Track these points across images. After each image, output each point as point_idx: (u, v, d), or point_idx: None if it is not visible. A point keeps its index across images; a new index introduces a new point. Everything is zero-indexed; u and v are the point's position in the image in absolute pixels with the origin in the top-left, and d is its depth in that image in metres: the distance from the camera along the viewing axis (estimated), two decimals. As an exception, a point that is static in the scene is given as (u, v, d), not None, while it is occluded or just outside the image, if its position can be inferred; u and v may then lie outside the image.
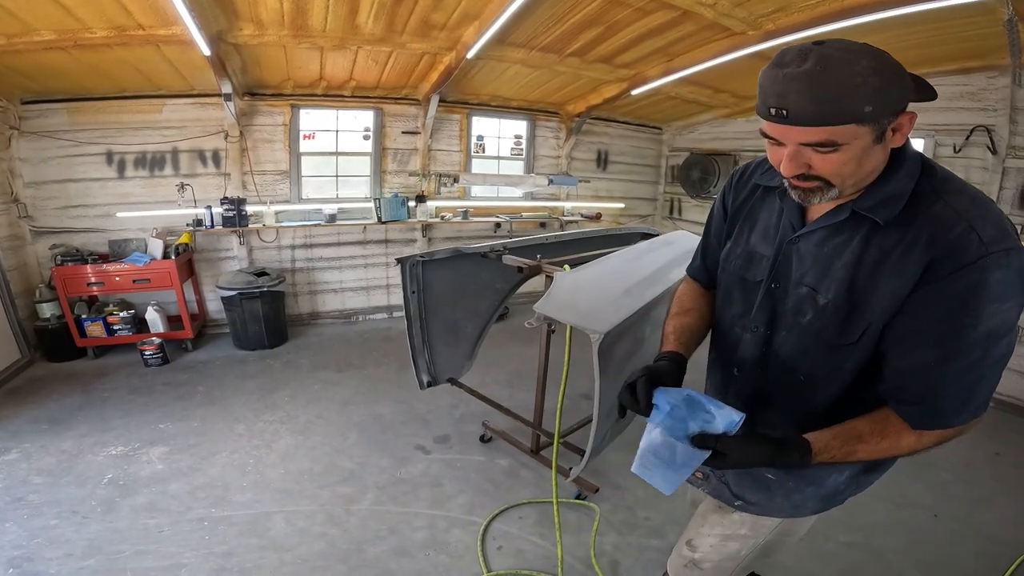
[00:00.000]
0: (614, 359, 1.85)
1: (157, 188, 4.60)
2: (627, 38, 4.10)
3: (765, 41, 3.75)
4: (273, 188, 4.99)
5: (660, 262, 2.60)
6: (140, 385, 3.95)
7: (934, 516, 2.75)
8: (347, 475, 2.95)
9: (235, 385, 4.02)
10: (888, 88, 0.86)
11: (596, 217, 6.32)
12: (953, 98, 4.22)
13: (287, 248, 5.19)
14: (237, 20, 3.49)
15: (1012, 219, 3.63)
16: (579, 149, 6.41)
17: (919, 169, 0.97)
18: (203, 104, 4.53)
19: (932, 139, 4.38)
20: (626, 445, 3.26)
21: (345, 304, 5.59)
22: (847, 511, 2.69)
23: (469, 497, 2.80)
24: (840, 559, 2.42)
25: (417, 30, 3.86)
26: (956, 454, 3.34)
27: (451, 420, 3.57)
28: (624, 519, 2.64)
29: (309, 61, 4.25)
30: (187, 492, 2.74)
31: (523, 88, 5.31)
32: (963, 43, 3.66)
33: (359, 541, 2.45)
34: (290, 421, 3.52)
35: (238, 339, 4.70)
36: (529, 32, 3.99)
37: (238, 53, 3.95)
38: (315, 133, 5.08)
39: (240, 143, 4.70)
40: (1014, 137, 3.94)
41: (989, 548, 2.50)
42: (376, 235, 5.50)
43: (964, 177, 2.76)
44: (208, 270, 4.95)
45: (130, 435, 3.25)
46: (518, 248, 2.99)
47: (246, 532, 2.47)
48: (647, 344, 2.12)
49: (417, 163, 5.50)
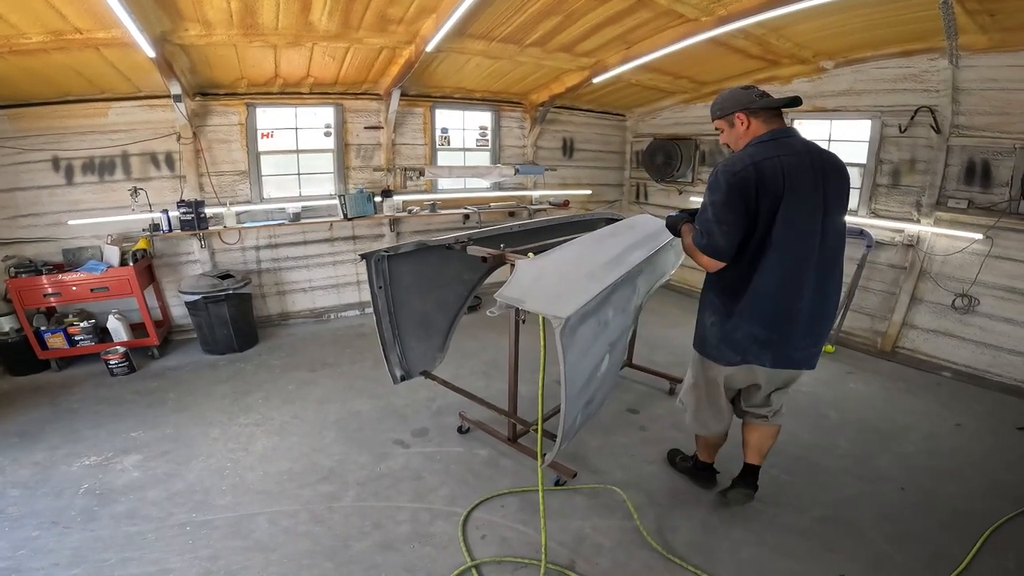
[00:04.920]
0: (578, 342, 1.90)
1: (109, 194, 4.45)
2: (586, 26, 4.15)
3: (719, 26, 3.84)
4: (232, 189, 4.89)
5: (622, 246, 2.67)
6: (108, 395, 3.87)
7: (901, 489, 2.85)
8: (327, 473, 2.96)
9: (207, 390, 3.96)
10: (724, 104, 2.12)
11: (564, 204, 6.38)
12: (897, 80, 4.40)
13: (251, 249, 5.10)
14: (182, 21, 3.41)
15: (958, 194, 3.83)
16: (545, 138, 6.45)
17: (757, 143, 2.03)
18: (151, 106, 4.39)
19: (879, 120, 4.58)
20: (604, 430, 3.40)
21: (316, 303, 5.54)
22: (819, 486, 2.87)
23: (451, 489, 2.84)
24: (815, 534, 2.52)
25: (374, 25, 3.82)
26: (917, 426, 3.52)
27: (429, 413, 3.61)
28: (604, 502, 2.72)
29: (263, 59, 4.16)
30: (166, 498, 2.73)
31: (486, 79, 5.31)
32: (903, 26, 3.82)
33: (344, 537, 2.47)
34: (266, 423, 3.50)
35: (206, 343, 4.62)
36: (488, 23, 3.99)
37: (186, 54, 3.85)
38: (273, 132, 4.98)
39: (194, 144, 4.58)
40: (957, 116, 4.14)
41: (956, 521, 2.59)
42: (343, 232, 5.45)
43: (911, 156, 3.81)
44: (170, 275, 4.83)
45: (102, 445, 3.21)
46: (483, 238, 3.02)
47: (230, 535, 2.48)
48: (611, 327, 2.18)
49: (381, 158, 5.45)
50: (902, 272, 4.59)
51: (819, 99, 4.94)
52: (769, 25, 4.01)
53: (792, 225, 1.95)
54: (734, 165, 1.95)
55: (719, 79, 5.52)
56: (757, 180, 1.91)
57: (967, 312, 4.25)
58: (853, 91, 4.71)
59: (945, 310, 4.37)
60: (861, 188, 4.80)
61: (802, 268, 2.01)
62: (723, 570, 2.30)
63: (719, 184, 1.95)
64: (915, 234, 4.46)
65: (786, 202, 1.92)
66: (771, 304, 2.04)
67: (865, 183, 4.76)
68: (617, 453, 3.18)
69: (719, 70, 5.21)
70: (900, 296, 4.60)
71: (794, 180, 1.93)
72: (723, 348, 2.19)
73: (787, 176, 1.92)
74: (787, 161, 1.94)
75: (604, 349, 2.17)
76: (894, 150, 4.54)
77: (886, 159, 4.61)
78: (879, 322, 4.81)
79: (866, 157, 4.72)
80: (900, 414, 3.69)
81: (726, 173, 1.94)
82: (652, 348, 4.71)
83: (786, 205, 1.93)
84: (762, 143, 2.00)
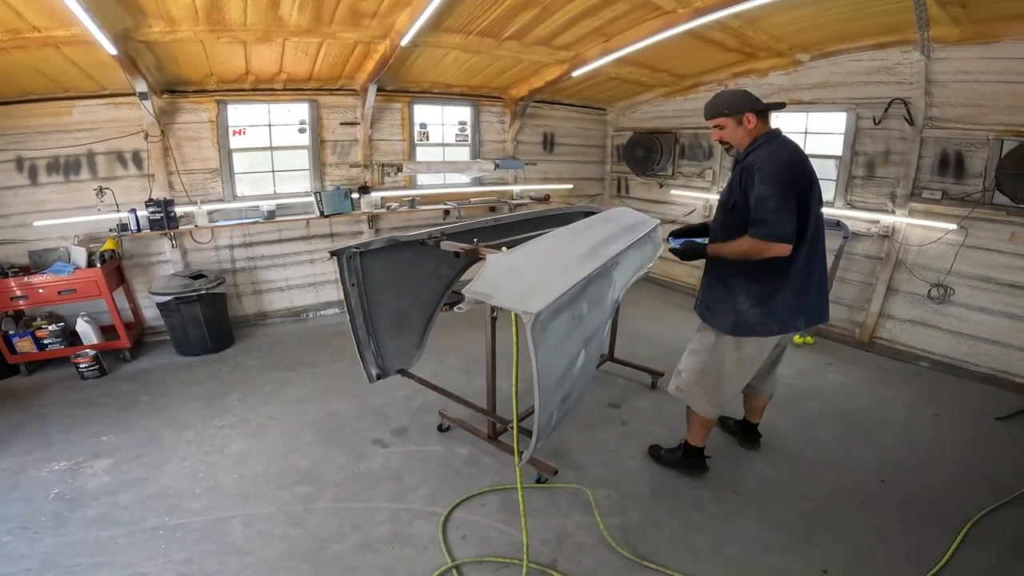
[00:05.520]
0: (551, 337, 1.86)
1: (74, 194, 4.33)
2: (563, 19, 4.12)
3: (696, 18, 3.83)
4: (204, 187, 4.77)
5: (598, 238, 2.63)
6: (79, 399, 3.79)
7: (881, 482, 2.85)
8: (304, 474, 2.92)
9: (180, 392, 3.88)
10: (733, 102, 2.36)
11: (545, 199, 6.35)
12: (871, 72, 4.43)
13: (225, 248, 5.00)
14: (144, 17, 3.32)
15: (932, 185, 3.87)
16: (525, 132, 6.41)
17: (765, 141, 2.32)
18: (117, 104, 4.27)
19: (854, 112, 4.61)
20: (585, 426, 3.38)
21: (293, 302, 5.44)
22: (800, 480, 2.88)
23: (431, 488, 2.80)
24: (798, 528, 2.51)
25: (347, 19, 3.75)
26: (896, 417, 3.55)
27: (408, 411, 3.56)
28: (585, 499, 2.69)
29: (232, 56, 4.07)
30: (138, 502, 2.68)
31: (464, 74, 5.25)
32: (876, 19, 3.84)
33: (322, 539, 2.44)
34: (241, 425, 3.44)
35: (179, 345, 4.52)
36: (464, 17, 3.94)
37: (151, 51, 3.76)
38: (246, 129, 4.87)
39: (163, 142, 4.46)
40: (930, 108, 4.17)
41: (937, 513, 2.59)
42: (320, 229, 5.36)
43: (885, 148, 3.90)
44: (140, 276, 4.71)
45: (73, 449, 3.15)
46: (458, 233, 2.97)
47: (204, 538, 2.44)
48: (586, 321, 2.15)
49: (358, 154, 5.37)
50: (878, 263, 4.64)
51: (795, 92, 4.97)
52: (745, 17, 4.01)
53: (812, 211, 2.31)
54: (778, 158, 2.22)
55: (698, 72, 5.53)
56: (797, 171, 2.24)
57: (943, 302, 4.30)
58: (828, 84, 4.73)
59: (921, 300, 4.42)
60: (837, 180, 4.83)
61: (818, 244, 2.41)
62: (706, 567, 2.29)
63: (772, 176, 2.18)
64: (890, 225, 4.50)
65: (811, 190, 2.29)
66: (803, 277, 2.37)
67: (841, 175, 4.80)
68: (599, 449, 3.17)
69: (698, 63, 5.21)
70: (877, 286, 4.65)
71: (811, 172, 2.31)
72: (769, 322, 2.40)
73: (808, 169, 2.30)
74: (799, 151, 2.33)
75: (579, 344, 2.14)
76: (869, 142, 4.57)
77: (861, 151, 4.64)
78: (857, 313, 4.85)
79: (841, 149, 4.75)
80: (879, 405, 3.72)
81: (774, 166, 2.20)
82: (634, 342, 4.71)
83: (811, 192, 2.29)
84: (772, 141, 2.31)
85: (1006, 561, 2.30)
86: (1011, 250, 3.92)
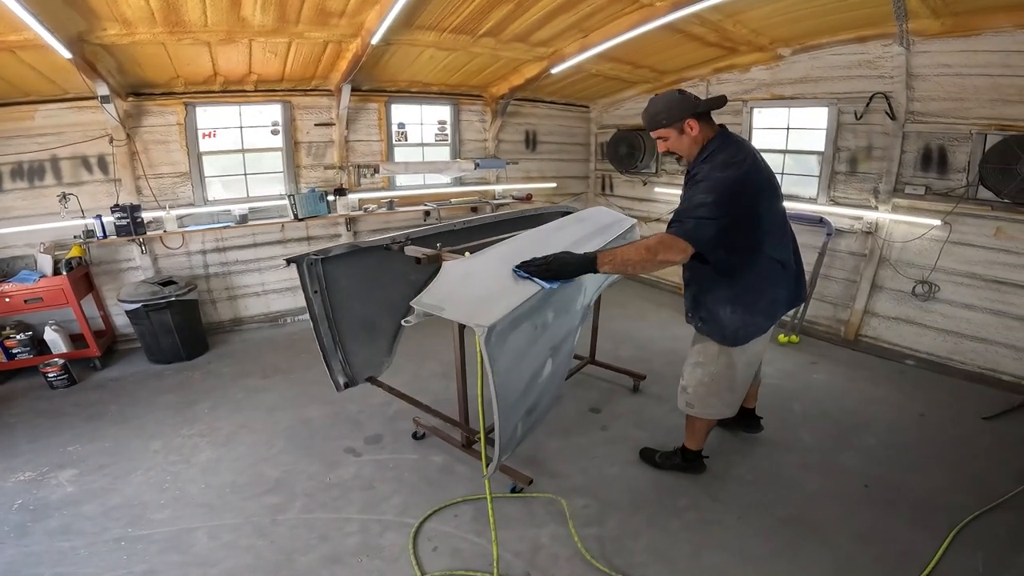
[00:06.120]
0: (511, 349, 1.78)
1: (40, 200, 4.20)
2: (539, 14, 4.03)
3: (674, 12, 3.76)
4: (173, 191, 4.65)
5: (569, 240, 2.56)
6: (48, 408, 3.71)
7: (865, 486, 2.78)
8: (273, 484, 2.86)
9: (150, 401, 3.80)
10: (671, 111, 2.15)
11: (527, 198, 6.26)
12: (852, 66, 4.37)
13: (197, 253, 4.88)
14: (98, 20, 3.22)
15: (915, 181, 3.81)
16: (506, 131, 6.31)
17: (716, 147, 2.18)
18: (80, 108, 4.14)
19: (835, 107, 4.55)
20: (564, 431, 3.30)
21: (270, 307, 5.33)
22: (782, 484, 2.79)
23: (403, 498, 2.74)
24: (778, 536, 2.45)
25: (313, 18, 3.66)
26: (880, 417, 3.48)
27: (384, 419, 3.48)
28: (561, 509, 2.62)
29: (197, 57, 3.96)
30: (101, 513, 2.64)
31: (442, 72, 5.16)
32: (855, 11, 3.78)
33: (288, 551, 2.38)
34: (211, 433, 3.36)
35: (151, 353, 4.41)
36: (436, 13, 3.85)
37: (110, 54, 3.65)
38: (216, 131, 4.76)
39: (128, 146, 4.34)
40: (912, 103, 4.11)
41: (922, 518, 2.53)
42: (296, 233, 5.24)
43: (867, 143, 3.79)
44: (110, 283, 4.59)
45: (38, 460, 3.09)
46: (427, 236, 2.88)
47: (167, 549, 2.39)
48: (552, 330, 2.07)
49: (334, 156, 5.26)
50: (862, 259, 4.58)
51: (777, 87, 4.90)
52: (724, 11, 3.94)
53: (776, 208, 2.27)
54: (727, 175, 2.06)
55: (679, 68, 5.45)
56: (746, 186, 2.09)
57: (927, 299, 4.24)
58: (810, 78, 4.67)
59: (906, 297, 4.36)
60: (820, 176, 4.78)
61: (786, 237, 2.38)
62: (685, 578, 2.22)
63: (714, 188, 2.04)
64: (874, 221, 4.44)
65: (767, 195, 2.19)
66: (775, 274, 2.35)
67: (823, 171, 4.73)
68: (577, 455, 3.10)
69: (679, 58, 5.14)
70: (861, 284, 4.59)
71: (765, 178, 2.21)
72: (759, 321, 2.38)
73: (761, 178, 2.18)
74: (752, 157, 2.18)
75: (546, 353, 2.05)
76: (851, 137, 4.51)
77: (843, 146, 4.58)
78: (841, 310, 4.79)
79: (824, 144, 4.69)
80: (864, 405, 3.66)
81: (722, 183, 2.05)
82: (617, 342, 4.64)
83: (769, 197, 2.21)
84: (723, 148, 2.16)
85: (993, 568, 2.24)
86: (996, 246, 3.87)
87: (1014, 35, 3.54)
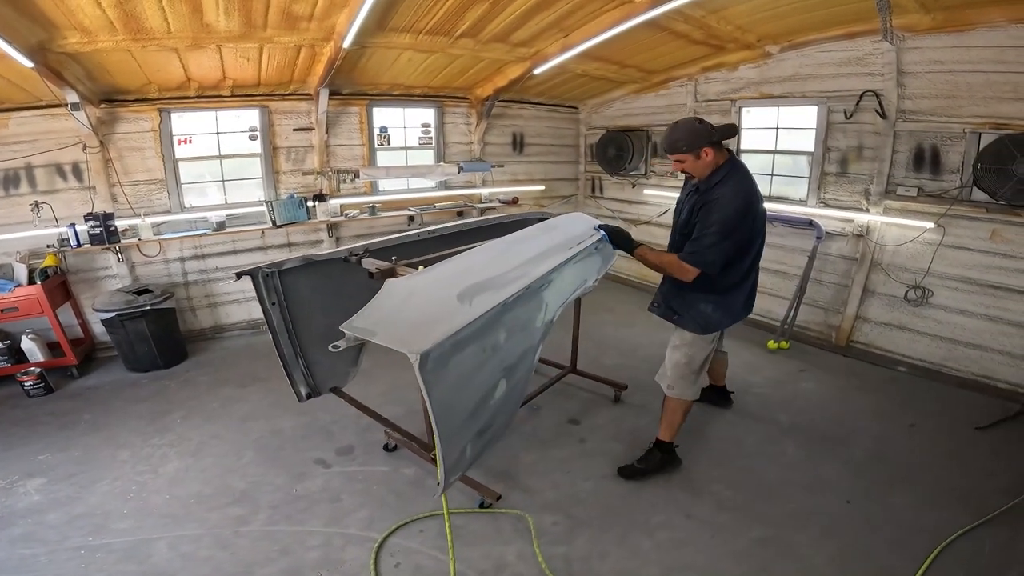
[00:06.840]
0: (454, 374, 1.68)
1: (15, 208, 4.16)
2: (516, 14, 3.94)
3: (654, 8, 3.65)
4: (149, 199, 4.60)
5: (532, 252, 2.46)
6: (23, 417, 3.71)
7: (847, 503, 2.68)
8: (239, 495, 2.83)
9: (124, 410, 3.77)
10: (690, 139, 2.45)
11: (513, 201, 6.15)
12: (842, 64, 4.23)
13: (175, 261, 4.82)
14: (57, 29, 3.18)
15: (907, 182, 3.69)
16: (492, 133, 6.21)
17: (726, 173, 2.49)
18: (54, 116, 4.09)
19: (824, 106, 4.41)
20: (540, 443, 3.22)
21: (252, 314, 5.25)
22: (761, 500, 2.71)
23: (370, 511, 2.69)
24: (752, 557, 2.36)
25: (281, 23, 3.60)
26: (869, 428, 3.36)
27: (356, 429, 3.42)
28: (528, 526, 2.54)
29: (167, 63, 3.90)
30: (65, 522, 2.64)
31: (423, 75, 5.07)
32: (841, 6, 3.65)
33: (248, 564, 2.35)
34: (181, 443, 3.34)
35: (128, 361, 4.37)
36: (409, 15, 3.77)
37: (76, 61, 3.60)
38: (192, 137, 4.70)
39: (102, 153, 4.29)
40: (903, 101, 3.97)
41: (905, 536, 2.44)
42: (277, 239, 5.17)
43: (858, 143, 3.73)
44: (88, 291, 4.54)
45: (8, 468, 3.09)
46: (384, 248, 2.78)
47: (125, 559, 2.39)
48: (505, 350, 1.96)
49: (314, 160, 5.18)
50: (853, 263, 4.44)
51: (766, 85, 4.77)
52: (707, 6, 3.84)
53: (761, 229, 2.64)
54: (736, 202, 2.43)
55: (667, 67, 5.33)
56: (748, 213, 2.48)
57: (920, 304, 4.10)
58: (799, 76, 4.53)
59: (898, 302, 4.22)
60: (810, 177, 4.64)
61: (758, 254, 2.71)
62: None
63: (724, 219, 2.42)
64: (865, 224, 4.31)
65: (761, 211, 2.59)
66: (748, 280, 2.74)
67: (813, 172, 4.60)
68: (552, 469, 3.02)
69: (665, 57, 5.02)
70: (852, 288, 4.45)
71: (759, 202, 2.58)
72: (726, 318, 2.75)
73: (756, 202, 2.56)
74: (753, 186, 2.55)
75: (498, 374, 1.95)
76: (841, 137, 4.37)
77: (833, 146, 4.44)
78: (832, 316, 4.66)
79: (813, 144, 4.56)
80: (852, 415, 3.54)
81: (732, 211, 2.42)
82: (602, 349, 4.54)
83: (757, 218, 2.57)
84: (732, 174, 2.49)
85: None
86: (991, 249, 3.72)
87: (1008, 30, 3.41)
